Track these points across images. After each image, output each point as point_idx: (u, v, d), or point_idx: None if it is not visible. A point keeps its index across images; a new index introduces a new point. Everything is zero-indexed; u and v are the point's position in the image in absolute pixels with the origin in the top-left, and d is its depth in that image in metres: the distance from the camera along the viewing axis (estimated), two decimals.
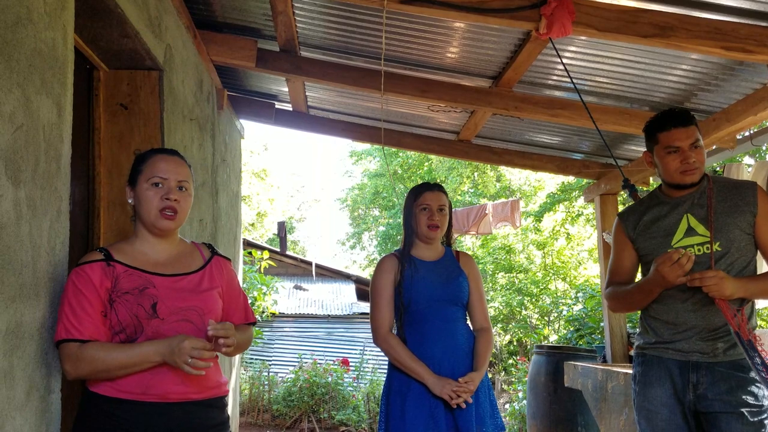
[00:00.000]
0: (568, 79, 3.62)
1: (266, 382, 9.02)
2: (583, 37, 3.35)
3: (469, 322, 2.78)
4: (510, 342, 15.78)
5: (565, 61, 3.48)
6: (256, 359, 10.22)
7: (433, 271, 2.68)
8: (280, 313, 10.41)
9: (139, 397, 1.72)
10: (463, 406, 2.49)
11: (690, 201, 2.37)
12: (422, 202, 2.69)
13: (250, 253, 9.38)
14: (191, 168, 1.96)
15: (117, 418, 1.71)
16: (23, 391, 1.64)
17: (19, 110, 1.65)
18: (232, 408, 5.17)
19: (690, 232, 2.33)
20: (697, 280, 2.16)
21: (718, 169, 6.84)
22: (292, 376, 8.93)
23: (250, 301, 8.58)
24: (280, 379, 9.51)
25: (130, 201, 1.89)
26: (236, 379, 5.56)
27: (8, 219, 1.58)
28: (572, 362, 4.87)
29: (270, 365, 9.86)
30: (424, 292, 2.63)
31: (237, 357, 5.60)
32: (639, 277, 2.55)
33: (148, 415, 1.72)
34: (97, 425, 1.72)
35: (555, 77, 4.02)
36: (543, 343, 8.26)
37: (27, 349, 1.67)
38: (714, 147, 4.54)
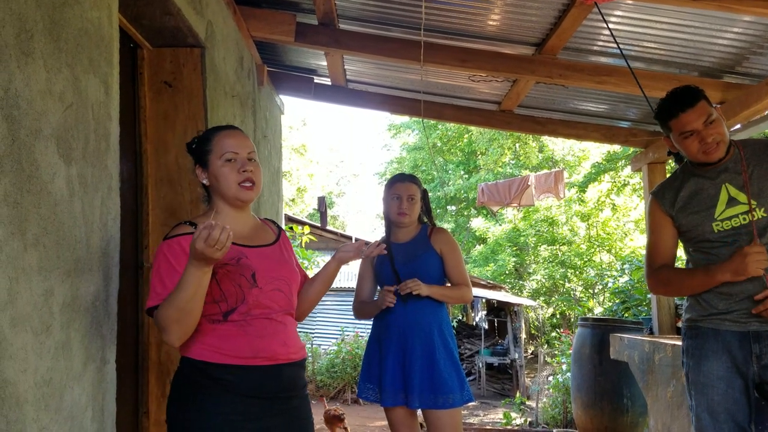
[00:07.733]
0: (614, 45, 3.51)
1: (310, 354, 9.17)
2: (629, 1, 3.24)
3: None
4: (553, 315, 15.67)
5: (611, 26, 3.38)
6: (299, 331, 10.40)
7: (401, 252, 2.94)
8: None
9: (249, 362, 1.74)
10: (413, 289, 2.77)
11: (725, 170, 2.28)
12: (394, 192, 2.96)
13: (291, 228, 9.47)
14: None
15: (227, 383, 1.71)
16: (80, 362, 1.70)
17: (69, 89, 1.69)
18: None
19: (731, 202, 2.25)
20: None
21: None
22: (335, 348, 9.05)
23: None
24: (323, 351, 9.66)
25: (204, 182, 1.89)
26: None
27: (61, 196, 1.63)
28: (618, 334, 4.80)
29: (313, 337, 10.01)
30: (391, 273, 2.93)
31: None
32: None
33: (261, 377, 1.75)
34: (204, 391, 1.71)
35: (600, 43, 3.90)
36: (588, 316, 8.17)
37: (83, 322, 1.72)
38: (766, 113, 4.37)
